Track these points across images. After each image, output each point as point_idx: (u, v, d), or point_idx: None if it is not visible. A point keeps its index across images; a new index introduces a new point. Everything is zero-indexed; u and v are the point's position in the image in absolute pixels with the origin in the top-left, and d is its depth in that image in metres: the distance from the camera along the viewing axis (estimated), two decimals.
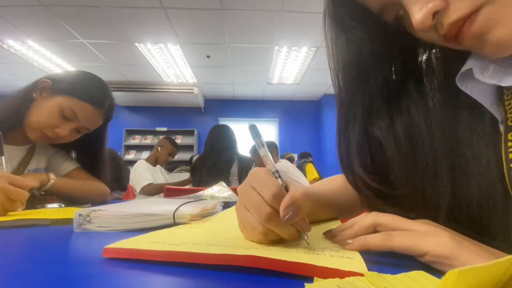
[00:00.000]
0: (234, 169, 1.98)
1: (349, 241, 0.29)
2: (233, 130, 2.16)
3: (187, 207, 0.51)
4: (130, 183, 2.39)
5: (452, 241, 0.24)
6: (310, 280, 0.21)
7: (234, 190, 1.05)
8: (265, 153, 0.33)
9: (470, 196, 0.33)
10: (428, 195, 0.35)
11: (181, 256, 0.26)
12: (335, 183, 0.52)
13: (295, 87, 5.05)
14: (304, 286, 0.20)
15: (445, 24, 0.28)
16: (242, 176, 1.97)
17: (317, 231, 0.37)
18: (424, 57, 0.39)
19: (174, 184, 2.26)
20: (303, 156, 4.26)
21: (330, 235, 0.33)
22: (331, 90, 5.16)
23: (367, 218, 0.31)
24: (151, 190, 2.23)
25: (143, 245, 0.30)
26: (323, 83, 4.88)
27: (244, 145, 2.21)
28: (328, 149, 5.15)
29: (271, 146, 2.82)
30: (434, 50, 0.39)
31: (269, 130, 5.69)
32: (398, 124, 0.38)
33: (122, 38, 3.38)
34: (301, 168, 3.13)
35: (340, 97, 0.42)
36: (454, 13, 0.27)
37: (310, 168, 3.04)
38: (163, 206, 0.52)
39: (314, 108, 5.74)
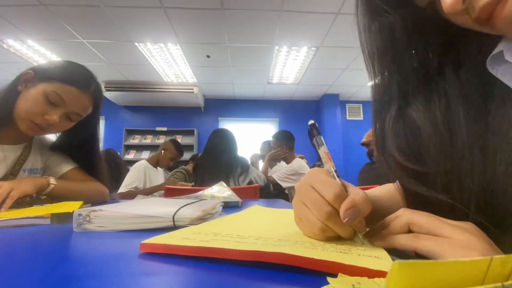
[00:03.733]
0: (234, 171, 1.99)
1: (379, 238, 0.30)
2: (233, 133, 2.16)
3: (187, 210, 0.51)
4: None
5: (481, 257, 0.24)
6: (334, 276, 0.22)
7: (234, 190, 1.05)
8: (326, 151, 0.35)
9: (498, 183, 0.32)
10: (463, 177, 0.34)
11: (212, 251, 0.28)
12: (385, 189, 0.51)
13: (295, 87, 5.05)
14: (326, 280, 0.20)
15: (477, 7, 0.28)
16: (240, 177, 1.97)
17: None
18: (459, 42, 0.39)
19: (146, 190, 2.21)
20: (320, 159, 4.16)
21: (368, 234, 0.34)
22: (331, 90, 5.19)
23: (401, 218, 0.31)
24: (125, 197, 2.16)
25: (175, 240, 0.32)
26: (323, 83, 4.88)
27: (242, 146, 2.22)
28: (328, 149, 5.14)
29: (287, 137, 2.64)
30: (468, 34, 0.38)
31: (269, 130, 5.69)
32: (435, 107, 0.37)
33: (122, 37, 3.38)
34: None
35: (375, 82, 0.42)
36: None
37: None
38: (163, 207, 0.52)
39: (314, 108, 5.74)
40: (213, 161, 2.00)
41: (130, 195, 2.14)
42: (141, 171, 2.34)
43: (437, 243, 0.26)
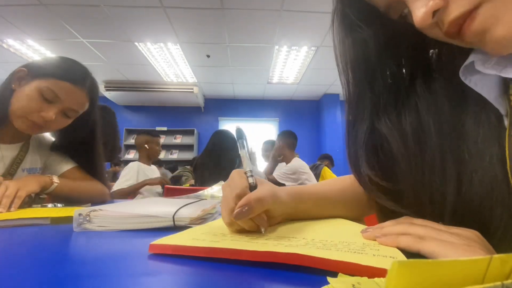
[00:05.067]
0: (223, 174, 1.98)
1: (381, 236, 0.31)
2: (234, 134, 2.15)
3: (187, 210, 0.50)
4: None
5: None
6: (335, 276, 0.22)
7: None
8: (243, 154, 0.40)
9: (473, 192, 0.33)
10: (435, 190, 0.35)
11: (224, 252, 0.28)
12: (341, 183, 0.53)
13: (295, 86, 5.05)
14: (326, 280, 0.20)
15: (446, 21, 0.29)
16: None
17: (354, 228, 0.39)
18: (431, 54, 0.40)
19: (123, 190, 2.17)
20: (320, 158, 4.15)
21: (365, 233, 0.35)
22: (331, 89, 5.19)
23: (400, 226, 0.32)
24: (116, 195, 2.12)
25: (184, 241, 0.31)
26: (323, 82, 4.88)
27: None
28: (328, 149, 5.15)
29: (286, 135, 2.69)
30: (440, 47, 0.39)
31: (269, 130, 5.69)
32: (405, 121, 0.39)
33: (122, 37, 3.38)
34: (317, 171, 3.09)
35: (348, 96, 0.43)
36: (454, 11, 0.28)
37: (325, 172, 2.99)
38: (163, 207, 0.52)
39: (314, 107, 5.74)
40: (214, 161, 2.01)
41: (123, 193, 2.13)
42: (134, 169, 2.32)
43: (441, 245, 0.26)
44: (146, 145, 2.48)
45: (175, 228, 0.46)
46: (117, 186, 2.19)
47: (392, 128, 0.39)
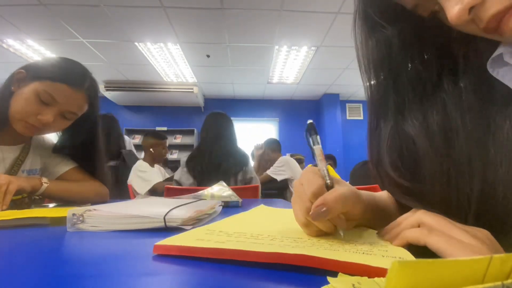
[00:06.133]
0: (232, 167, 1.78)
1: (394, 237, 0.30)
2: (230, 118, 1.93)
3: (179, 211, 0.49)
4: (129, 182, 2.38)
5: None
6: (335, 275, 0.22)
7: (234, 190, 1.05)
8: (318, 151, 0.37)
9: (497, 184, 0.32)
10: (461, 188, 0.34)
11: (231, 253, 0.27)
12: (387, 195, 0.51)
13: (295, 86, 5.05)
14: (327, 279, 0.20)
15: (484, 18, 0.28)
16: (238, 173, 1.78)
17: (364, 233, 0.38)
18: (457, 50, 0.39)
19: None
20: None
21: (380, 234, 0.34)
22: (331, 89, 5.19)
23: (413, 216, 0.31)
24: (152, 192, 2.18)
25: (189, 242, 0.31)
26: (323, 82, 4.88)
27: (242, 146, 2.02)
28: (328, 149, 5.14)
29: (273, 142, 2.85)
30: (466, 43, 0.38)
31: (269, 130, 5.69)
32: (431, 120, 0.37)
33: (122, 37, 3.38)
34: None
35: (371, 97, 0.42)
36: (492, 7, 0.27)
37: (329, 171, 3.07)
38: (157, 208, 0.51)
39: (314, 107, 5.74)
40: (209, 155, 1.76)
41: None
42: (144, 168, 2.34)
43: (449, 242, 0.25)
44: (151, 149, 2.49)
45: (167, 229, 0.45)
46: (144, 188, 2.23)
47: (418, 128, 0.38)
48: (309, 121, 0.38)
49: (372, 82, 0.41)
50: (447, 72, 0.38)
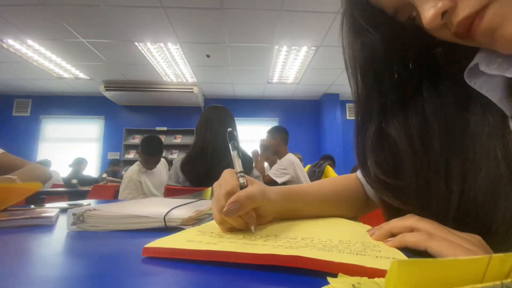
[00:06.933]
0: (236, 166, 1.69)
1: (390, 239, 0.31)
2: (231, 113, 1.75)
3: (179, 211, 0.49)
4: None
5: None
6: (335, 276, 0.22)
7: None
8: (235, 155, 0.41)
9: (477, 188, 0.33)
10: (440, 189, 0.36)
11: (223, 255, 0.27)
12: (333, 182, 0.54)
13: (295, 86, 5.05)
14: (327, 280, 0.20)
15: (454, 22, 0.29)
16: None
17: (352, 227, 0.39)
18: (438, 56, 0.40)
19: None
20: (323, 158, 4.17)
21: (373, 235, 0.35)
22: (331, 89, 5.19)
23: (407, 220, 0.32)
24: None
25: (180, 244, 0.30)
26: (323, 82, 4.88)
27: (242, 146, 2.00)
28: (328, 148, 5.15)
29: (280, 130, 2.62)
30: (446, 49, 0.40)
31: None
32: (411, 123, 0.39)
33: (121, 37, 3.38)
34: (320, 168, 3.10)
35: (357, 98, 0.44)
36: (462, 11, 0.28)
37: (327, 171, 3.02)
38: (157, 208, 0.51)
39: (314, 107, 5.74)
40: (210, 158, 1.52)
41: None
42: (132, 180, 2.23)
43: (451, 246, 0.26)
44: (138, 154, 2.44)
45: (166, 229, 0.45)
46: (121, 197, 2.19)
47: (399, 130, 0.40)
48: (228, 129, 0.42)
49: (358, 83, 0.43)
50: (427, 78, 0.40)
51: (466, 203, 0.34)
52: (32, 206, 0.74)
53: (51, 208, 0.61)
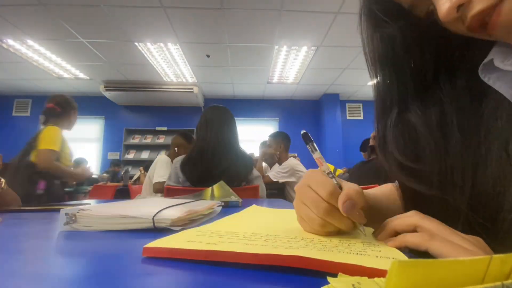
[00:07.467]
0: (242, 174, 1.59)
1: (391, 238, 0.31)
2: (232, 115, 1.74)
3: (169, 211, 0.48)
4: (148, 176, 2.39)
5: None
6: (335, 276, 0.22)
7: (236, 191, 1.05)
8: (319, 156, 0.38)
9: (487, 182, 0.33)
10: (456, 176, 0.36)
11: (223, 255, 0.27)
12: (383, 189, 0.54)
13: (295, 86, 5.05)
14: (327, 280, 0.20)
15: (468, 16, 0.29)
16: (242, 176, 1.59)
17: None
18: (454, 50, 0.41)
19: None
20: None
21: (376, 234, 0.35)
22: (331, 89, 5.19)
23: (410, 218, 0.32)
24: (161, 189, 2.15)
25: (180, 244, 0.30)
26: (323, 82, 4.88)
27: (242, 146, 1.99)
28: (328, 148, 5.15)
29: (285, 137, 2.76)
30: (464, 43, 0.39)
31: (269, 130, 5.69)
32: (430, 112, 0.40)
33: (121, 37, 3.38)
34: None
35: (377, 87, 0.45)
36: (477, 5, 0.28)
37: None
38: (148, 208, 0.50)
39: (314, 107, 5.74)
40: (210, 158, 1.52)
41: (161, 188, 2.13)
42: (164, 162, 2.36)
43: (453, 247, 0.26)
44: (176, 148, 2.51)
45: (155, 230, 0.44)
46: (160, 177, 2.25)
47: (419, 117, 0.40)
48: (303, 131, 0.40)
49: (378, 75, 0.44)
50: (444, 71, 0.40)
51: (479, 195, 0.34)
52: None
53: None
